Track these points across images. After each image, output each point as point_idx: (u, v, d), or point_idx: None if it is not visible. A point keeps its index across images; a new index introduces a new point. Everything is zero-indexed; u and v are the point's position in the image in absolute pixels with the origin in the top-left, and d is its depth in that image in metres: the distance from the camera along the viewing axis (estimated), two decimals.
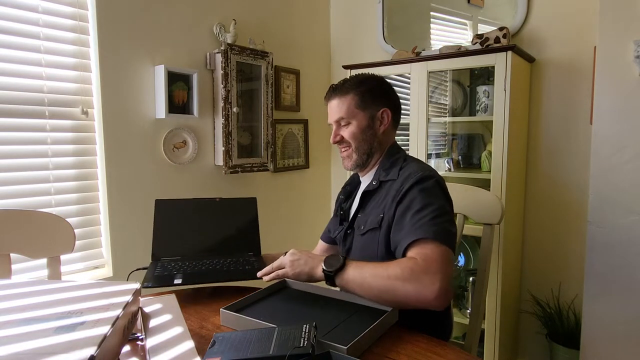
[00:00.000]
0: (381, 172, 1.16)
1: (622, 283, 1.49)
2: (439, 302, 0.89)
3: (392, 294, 0.92)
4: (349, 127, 1.18)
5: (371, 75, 1.22)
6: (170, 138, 1.85)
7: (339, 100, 1.18)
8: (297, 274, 1.03)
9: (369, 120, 1.17)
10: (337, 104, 1.18)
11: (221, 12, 2.02)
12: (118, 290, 0.74)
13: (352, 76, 1.23)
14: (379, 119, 1.18)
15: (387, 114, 1.18)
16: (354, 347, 0.75)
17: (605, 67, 1.48)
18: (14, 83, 1.44)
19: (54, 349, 0.53)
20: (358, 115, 1.17)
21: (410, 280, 0.90)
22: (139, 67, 1.73)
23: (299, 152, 2.50)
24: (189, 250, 1.27)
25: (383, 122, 1.18)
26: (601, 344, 1.55)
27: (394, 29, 2.44)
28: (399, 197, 1.05)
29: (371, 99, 1.17)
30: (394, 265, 0.94)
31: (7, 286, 0.76)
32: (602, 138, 1.50)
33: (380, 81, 1.22)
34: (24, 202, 1.48)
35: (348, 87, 1.18)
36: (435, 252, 0.93)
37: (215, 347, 0.75)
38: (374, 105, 1.17)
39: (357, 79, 1.20)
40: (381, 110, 1.17)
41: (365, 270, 0.96)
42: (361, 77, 1.21)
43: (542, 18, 1.99)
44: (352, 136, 1.17)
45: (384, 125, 1.18)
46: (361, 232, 1.13)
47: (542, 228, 2.07)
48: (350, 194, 1.30)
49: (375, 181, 1.15)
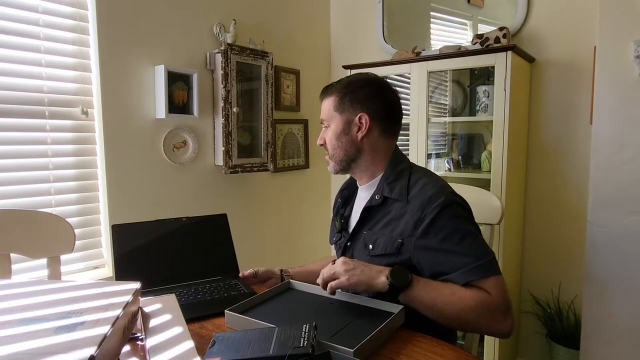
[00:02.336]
0: (384, 186, 1.08)
1: (622, 283, 1.49)
2: (510, 334, 0.93)
3: (462, 323, 0.94)
4: (327, 132, 1.13)
5: (363, 77, 1.12)
6: (170, 138, 1.85)
7: (324, 101, 1.14)
8: (354, 283, 0.95)
9: (345, 125, 1.09)
10: (323, 106, 1.15)
11: (221, 12, 2.02)
12: (118, 290, 0.74)
13: (346, 76, 1.17)
14: (356, 124, 1.08)
15: (365, 119, 1.07)
16: (360, 350, 0.75)
17: (605, 67, 1.48)
18: (14, 83, 1.44)
19: (54, 349, 0.53)
20: (335, 119, 1.11)
21: (484, 315, 0.91)
22: (139, 67, 1.73)
23: (299, 152, 2.50)
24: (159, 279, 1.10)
25: (361, 128, 1.08)
26: (601, 344, 1.55)
27: (394, 29, 2.44)
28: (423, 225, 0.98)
29: (350, 103, 1.09)
30: (469, 297, 0.91)
31: (7, 286, 0.76)
32: (602, 138, 1.50)
33: (370, 83, 1.11)
34: (24, 202, 1.48)
35: (334, 88, 1.12)
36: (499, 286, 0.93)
37: (215, 347, 0.75)
38: (352, 109, 1.08)
39: (347, 80, 1.13)
40: (358, 115, 1.08)
41: (436, 294, 0.93)
42: (353, 78, 1.13)
43: (542, 18, 1.99)
44: (329, 141, 1.13)
45: (362, 131, 1.08)
46: (373, 254, 1.06)
47: (542, 228, 2.07)
48: (348, 199, 1.23)
49: (378, 195, 1.07)
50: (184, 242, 1.16)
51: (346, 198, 1.24)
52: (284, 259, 2.39)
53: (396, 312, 0.91)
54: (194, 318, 0.94)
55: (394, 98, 1.13)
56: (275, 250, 2.41)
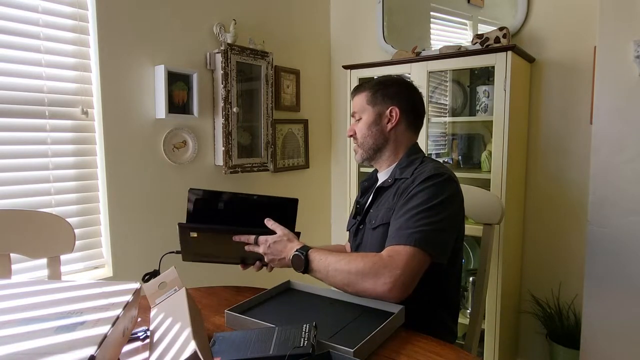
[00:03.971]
0: (397, 171, 1.18)
1: (622, 283, 1.49)
2: (392, 294, 0.94)
3: (352, 287, 0.98)
4: (359, 124, 1.23)
5: (393, 77, 1.27)
6: (170, 138, 1.85)
7: (356, 96, 1.24)
8: (270, 260, 1.08)
9: (376, 117, 1.20)
10: (355, 100, 1.25)
11: (221, 12, 2.02)
12: (118, 290, 0.74)
13: (375, 78, 1.27)
14: (387, 116, 1.19)
15: (395, 112, 1.19)
16: (360, 350, 0.75)
17: (605, 67, 1.48)
18: (14, 83, 1.44)
19: (54, 349, 0.53)
20: (367, 111, 1.21)
21: (369, 275, 0.95)
22: (139, 67, 1.73)
23: (299, 152, 2.50)
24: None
25: (391, 120, 1.19)
26: (601, 344, 1.55)
27: (394, 29, 2.44)
28: (407, 192, 1.08)
29: (382, 97, 1.20)
30: (359, 259, 0.98)
31: (7, 286, 0.76)
32: (602, 138, 1.50)
33: (399, 83, 1.24)
34: (24, 202, 1.48)
35: (366, 85, 1.24)
36: (406, 251, 0.97)
37: (215, 347, 0.75)
38: (384, 103, 1.20)
39: (378, 79, 1.25)
40: (390, 108, 1.19)
41: (328, 263, 1.00)
42: (383, 78, 1.26)
43: (542, 18, 1.99)
44: (359, 130, 1.22)
45: (392, 122, 1.19)
46: (372, 227, 1.15)
47: (542, 228, 2.07)
48: (366, 190, 1.31)
49: (391, 179, 1.17)
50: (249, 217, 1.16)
51: (366, 188, 1.32)
52: None
53: (396, 312, 0.91)
54: None
55: (419, 97, 1.25)
56: None
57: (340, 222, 2.73)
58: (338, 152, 2.74)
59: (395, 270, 0.94)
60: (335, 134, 2.75)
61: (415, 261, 0.96)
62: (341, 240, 2.53)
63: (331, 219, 2.82)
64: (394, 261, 0.96)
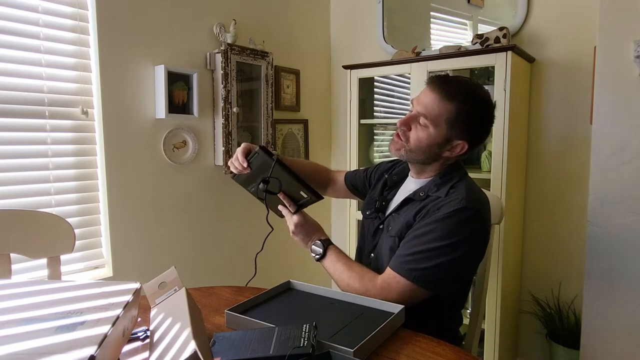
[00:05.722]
0: (432, 187, 1.08)
1: (622, 283, 1.49)
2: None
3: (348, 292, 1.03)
4: (422, 131, 1.04)
5: (485, 97, 1.07)
6: (170, 138, 1.85)
7: (439, 99, 1.02)
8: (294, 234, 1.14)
9: (443, 140, 1.04)
10: (433, 101, 1.02)
11: (221, 12, 2.02)
12: (118, 290, 0.74)
13: (463, 81, 1.11)
14: (452, 145, 1.05)
15: (462, 147, 1.05)
16: (360, 350, 0.75)
17: (605, 67, 1.48)
18: (14, 83, 1.44)
19: (54, 349, 0.53)
20: (439, 128, 1.03)
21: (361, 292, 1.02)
22: (139, 67, 1.73)
23: (299, 152, 2.50)
24: None
25: (453, 152, 1.06)
26: (601, 344, 1.55)
27: (394, 29, 2.44)
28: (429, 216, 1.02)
29: (462, 124, 1.02)
30: (358, 280, 1.03)
31: (7, 286, 0.76)
32: (602, 138, 1.50)
33: (487, 108, 1.06)
34: (24, 202, 1.48)
35: (455, 94, 1.02)
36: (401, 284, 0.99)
37: (215, 347, 0.75)
38: (459, 131, 1.03)
39: (469, 91, 1.05)
40: (460, 141, 1.04)
41: (336, 267, 1.08)
42: (475, 91, 1.06)
43: (542, 18, 1.99)
44: (417, 140, 1.05)
45: (451, 153, 1.06)
46: (390, 234, 1.11)
47: (542, 228, 2.07)
48: (395, 185, 1.22)
49: (423, 193, 1.08)
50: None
51: (395, 183, 1.23)
52: (285, 258, 2.39)
53: (396, 312, 0.91)
54: None
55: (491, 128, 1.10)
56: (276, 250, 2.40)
57: (341, 222, 2.73)
58: (338, 152, 2.74)
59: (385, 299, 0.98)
60: (335, 134, 2.75)
61: (408, 295, 0.99)
62: (342, 240, 2.53)
63: (331, 219, 2.82)
64: (386, 292, 1.00)
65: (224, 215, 2.10)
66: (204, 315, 0.99)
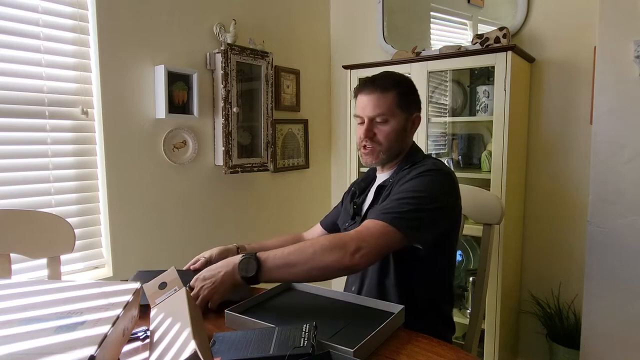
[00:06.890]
0: (400, 171, 1.16)
1: (622, 283, 1.49)
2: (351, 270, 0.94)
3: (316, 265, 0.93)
4: (385, 127, 1.13)
5: (403, 76, 1.20)
6: (170, 138, 1.85)
7: (380, 96, 1.12)
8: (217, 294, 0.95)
9: (405, 122, 1.16)
10: (377, 99, 1.12)
11: (221, 12, 2.02)
12: (118, 290, 0.74)
13: (386, 73, 1.20)
14: (411, 122, 1.18)
15: (418, 119, 1.18)
16: (360, 350, 0.75)
17: (605, 67, 1.48)
18: (14, 83, 1.44)
19: (54, 349, 0.53)
20: (397, 116, 1.14)
21: (335, 248, 0.92)
22: (139, 67, 1.73)
23: (299, 152, 2.50)
24: None
25: (414, 127, 1.19)
26: (601, 344, 1.55)
27: (394, 29, 2.44)
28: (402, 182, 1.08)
29: (408, 101, 1.15)
30: (324, 238, 0.97)
31: (7, 286, 0.76)
32: (602, 138, 1.50)
33: (412, 84, 1.21)
34: (24, 202, 1.48)
35: (389, 84, 1.13)
36: (376, 226, 0.96)
37: (215, 347, 0.75)
38: (411, 108, 1.16)
39: (395, 77, 1.17)
40: (415, 114, 1.18)
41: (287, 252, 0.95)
42: (396, 75, 1.18)
43: (542, 18, 1.99)
44: (387, 136, 1.14)
45: (414, 129, 1.19)
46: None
47: (542, 228, 2.07)
48: (364, 190, 1.29)
49: (393, 178, 1.16)
50: None
51: (363, 189, 1.29)
52: None
53: (396, 312, 0.91)
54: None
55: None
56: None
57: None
58: (338, 152, 2.74)
59: (360, 242, 0.93)
60: (335, 134, 2.75)
61: (384, 237, 0.95)
62: None
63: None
64: (361, 235, 0.95)
65: (223, 215, 2.10)
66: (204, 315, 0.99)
